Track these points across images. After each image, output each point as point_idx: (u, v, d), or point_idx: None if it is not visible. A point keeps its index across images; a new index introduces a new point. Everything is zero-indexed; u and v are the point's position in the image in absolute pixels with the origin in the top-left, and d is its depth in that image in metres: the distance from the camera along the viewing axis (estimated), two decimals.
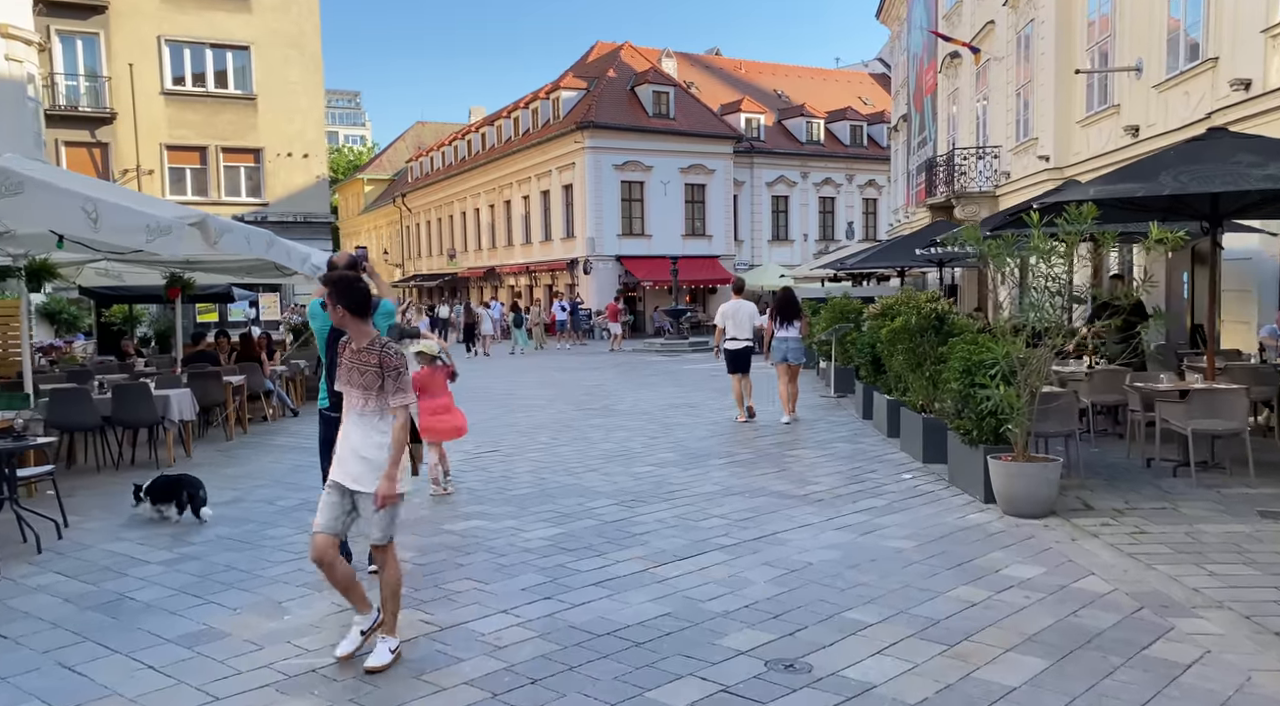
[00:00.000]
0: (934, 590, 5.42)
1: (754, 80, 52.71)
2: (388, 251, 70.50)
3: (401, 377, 4.44)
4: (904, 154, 34.66)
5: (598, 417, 13.62)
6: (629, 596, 5.36)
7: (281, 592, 5.52)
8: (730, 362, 12.85)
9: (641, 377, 20.62)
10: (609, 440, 11.43)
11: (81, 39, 31.41)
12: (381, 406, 4.45)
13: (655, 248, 40.44)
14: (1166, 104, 14.85)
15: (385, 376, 4.42)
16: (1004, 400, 7.14)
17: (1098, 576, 5.62)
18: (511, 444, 11.28)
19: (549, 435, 11.93)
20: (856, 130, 49.94)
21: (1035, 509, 7.13)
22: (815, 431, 11.90)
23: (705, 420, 13.13)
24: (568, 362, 26.25)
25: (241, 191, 33.90)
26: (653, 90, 41.98)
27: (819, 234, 48.65)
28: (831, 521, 7.11)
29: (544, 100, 44.27)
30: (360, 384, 4.47)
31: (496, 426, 12.85)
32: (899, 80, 36.11)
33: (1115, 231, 7.37)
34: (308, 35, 34.18)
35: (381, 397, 4.44)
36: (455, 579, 5.72)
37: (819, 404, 14.89)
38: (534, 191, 45.07)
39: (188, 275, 15.03)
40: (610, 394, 17.07)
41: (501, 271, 48.54)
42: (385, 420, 4.47)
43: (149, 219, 7.41)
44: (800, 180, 48.04)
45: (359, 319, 4.48)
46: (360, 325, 4.50)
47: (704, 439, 11.42)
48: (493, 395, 17.33)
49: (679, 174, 42.06)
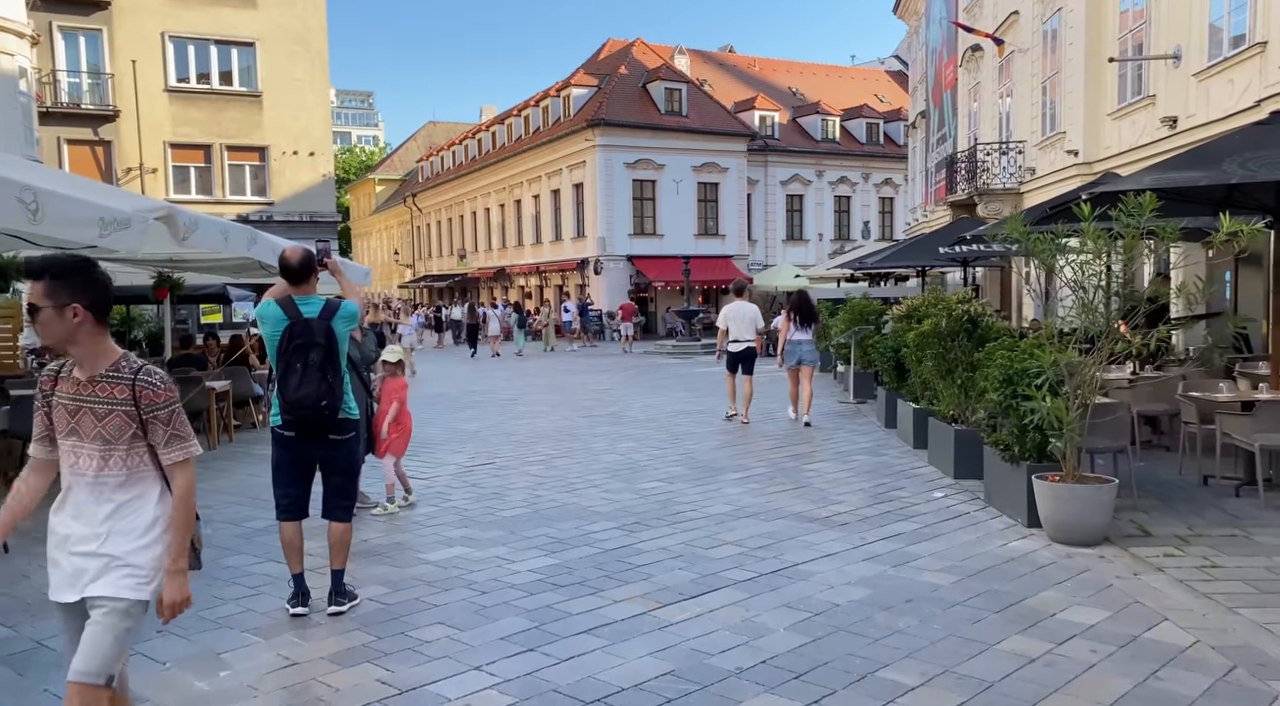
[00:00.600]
0: (982, 641, 4.63)
1: (768, 78, 51.85)
2: (398, 252, 69.99)
3: (176, 418, 2.95)
4: (922, 151, 33.81)
5: (603, 426, 12.84)
6: (626, 648, 4.59)
7: (223, 640, 4.77)
8: (731, 362, 12.73)
9: (652, 381, 19.85)
10: (613, 451, 10.66)
11: (84, 35, 30.91)
12: (133, 468, 2.94)
13: (667, 247, 39.61)
14: (1208, 93, 13.98)
15: (145, 419, 2.90)
16: (1052, 413, 6.34)
17: (1173, 623, 4.82)
18: (508, 455, 10.52)
19: (550, 445, 11.17)
20: (872, 128, 49.01)
21: (1087, 536, 6.33)
22: (835, 441, 11.10)
23: (717, 428, 12.34)
24: (576, 365, 25.50)
25: (247, 190, 33.36)
26: (665, 87, 41.20)
27: (834, 233, 47.75)
28: (858, 550, 6.32)
29: (554, 98, 43.54)
30: (95, 434, 2.88)
31: (495, 436, 12.10)
32: (917, 76, 35.23)
33: (1177, 225, 6.55)
34: (313, 31, 33.60)
35: (133, 455, 2.92)
36: (426, 623, 4.96)
37: (837, 410, 14.08)
38: (544, 190, 44.36)
39: (176, 275, 14.44)
40: (618, 399, 16.30)
41: (511, 272, 47.85)
42: (139, 489, 2.95)
43: (103, 211, 6.67)
44: (815, 179, 47.15)
45: (99, 329, 2.90)
46: (98, 339, 2.91)
47: (715, 450, 10.64)
48: (496, 400, 16.59)
49: (691, 172, 41.25)
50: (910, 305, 11.42)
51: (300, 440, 4.93)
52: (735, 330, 12.59)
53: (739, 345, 12.58)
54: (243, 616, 5.11)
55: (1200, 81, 14.15)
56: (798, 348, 12.57)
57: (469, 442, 11.50)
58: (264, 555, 6.29)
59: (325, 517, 5.17)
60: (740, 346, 12.57)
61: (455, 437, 11.89)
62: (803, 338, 12.60)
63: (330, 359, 4.85)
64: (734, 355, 12.64)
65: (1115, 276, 6.40)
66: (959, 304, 9.01)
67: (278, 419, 4.93)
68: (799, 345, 12.57)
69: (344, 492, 5.13)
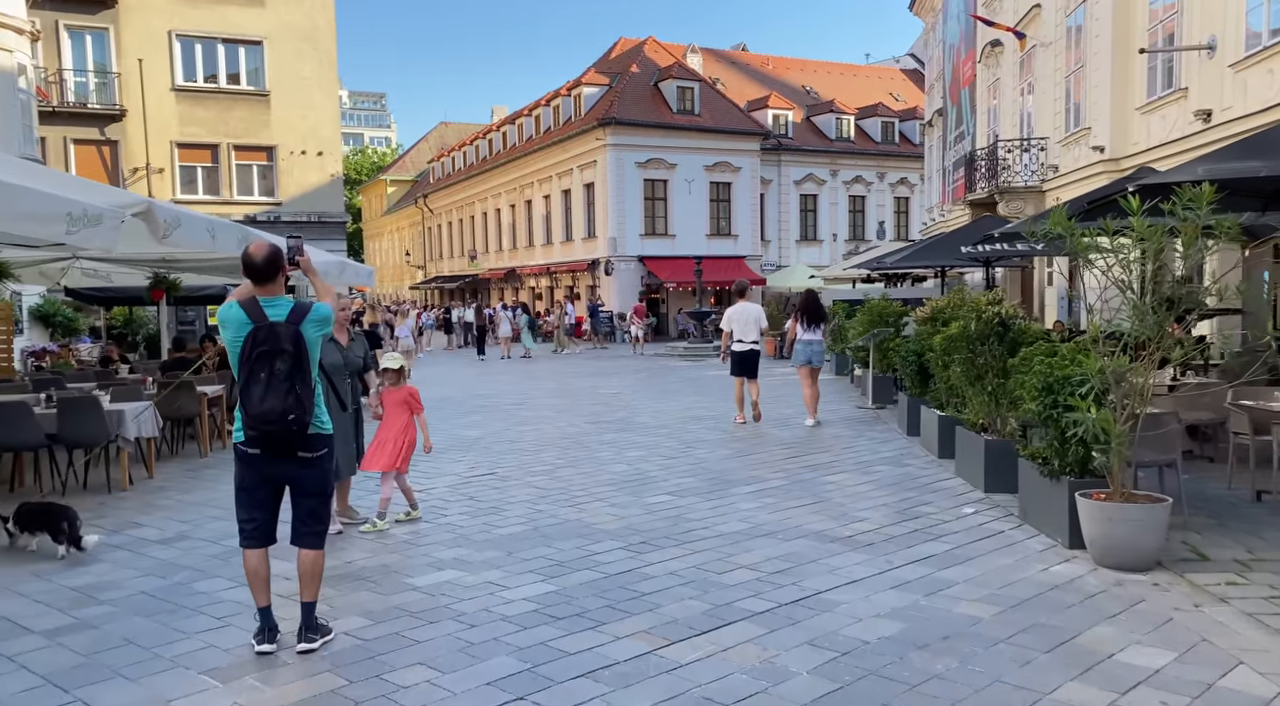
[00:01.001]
0: (1034, 689, 4.07)
1: (782, 76, 51.24)
2: (409, 253, 69.68)
3: None
4: (939, 150, 33.18)
5: (611, 432, 12.31)
6: (628, 697, 4.06)
7: (176, 684, 4.24)
8: (736, 365, 12.74)
9: (663, 385, 19.31)
10: (621, 460, 10.12)
11: (90, 34, 30.61)
12: None
13: (679, 248, 39.07)
14: (1245, 84, 13.34)
15: None
16: (1098, 425, 5.77)
17: (1250, 667, 4.25)
18: (510, 465, 9.99)
19: (555, 454, 10.64)
20: (888, 127, 48.34)
21: (1138, 561, 5.76)
22: (855, 450, 10.54)
23: (729, 435, 11.79)
24: (586, 368, 24.98)
25: (254, 190, 33.00)
26: (677, 86, 40.66)
27: (849, 234, 47.10)
28: (885, 575, 5.77)
29: (565, 97, 43.06)
30: None
31: (498, 443, 11.58)
32: (934, 73, 34.58)
33: (1235, 220, 5.97)
34: (322, 30, 33.23)
35: None
36: (406, 664, 4.43)
37: (856, 416, 13.51)
38: (555, 191, 43.88)
39: (173, 276, 14.01)
40: (627, 404, 15.76)
41: (522, 273, 47.40)
42: None
43: (71, 205, 6.19)
44: (829, 178, 46.51)
45: None
46: None
47: (728, 459, 10.09)
48: (501, 405, 16.09)
49: (704, 172, 40.70)
50: (935, 307, 10.86)
51: (266, 458, 4.42)
52: (739, 331, 12.60)
53: (743, 346, 12.60)
54: (202, 653, 4.59)
55: (1237, 72, 13.51)
56: (807, 347, 12.77)
57: (470, 451, 10.98)
58: (239, 579, 5.75)
59: (294, 544, 4.65)
60: (744, 347, 12.59)
61: (456, 445, 11.38)
62: (813, 337, 12.77)
63: (299, 368, 4.34)
64: (738, 356, 12.64)
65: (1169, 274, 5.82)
66: (989, 305, 8.44)
67: (240, 434, 4.42)
68: (809, 345, 12.77)
69: (315, 516, 4.61)
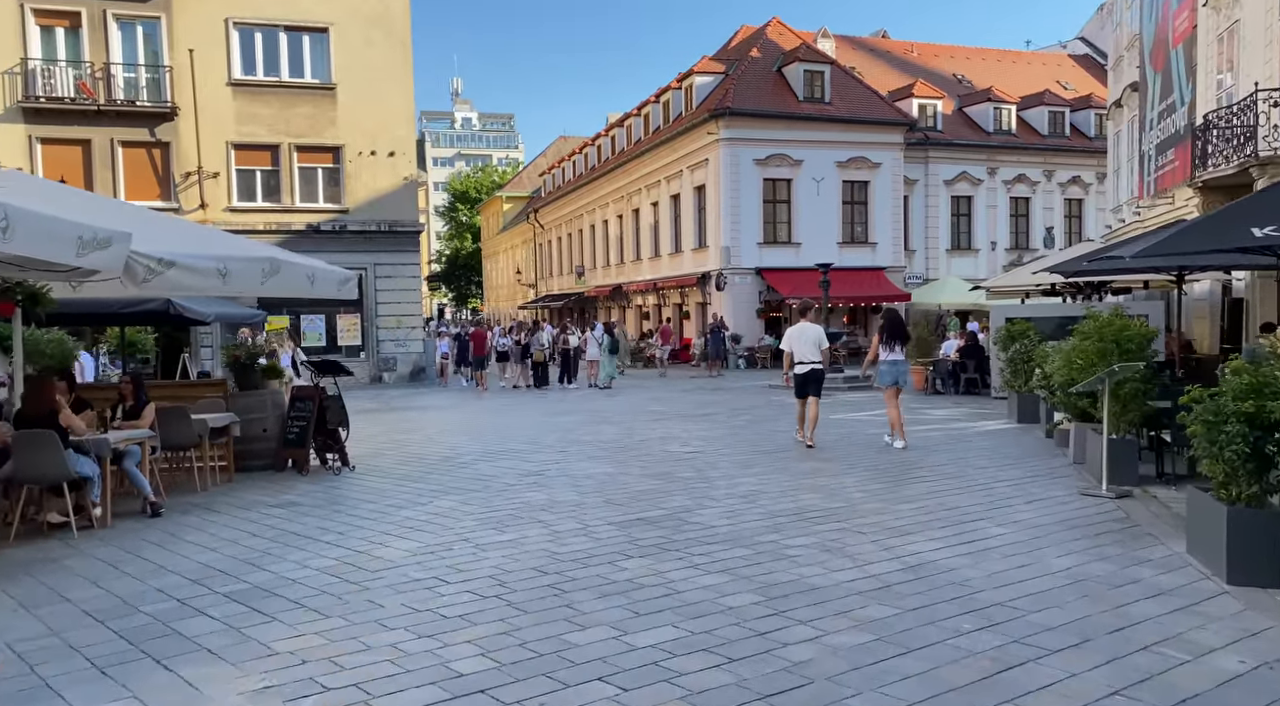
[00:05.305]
0: None
1: (929, 64, 44.77)
2: (520, 271, 66.17)
3: None
4: (1128, 136, 26.68)
5: (663, 557, 6.94)
6: None
7: None
8: (799, 386, 12.50)
9: (769, 434, 13.79)
10: (664, 662, 4.77)
11: (142, 24, 27.65)
12: None
13: (805, 258, 32.76)
14: None
15: None
16: None
17: None
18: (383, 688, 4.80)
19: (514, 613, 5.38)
20: (1056, 117, 41.23)
21: None
22: (1127, 614, 4.83)
23: (861, 558, 6.23)
24: (673, 402, 19.56)
25: (319, 196, 29.41)
26: (804, 70, 34.98)
27: (1010, 241, 40.20)
28: None
29: (675, 90, 38.03)
30: None
31: (413, 590, 6.41)
32: (1123, 43, 27.91)
33: None
34: (395, 13, 29.50)
35: None
36: None
37: (1076, 514, 7.64)
38: (663, 196, 38.84)
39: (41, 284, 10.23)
40: (704, 474, 10.35)
41: (628, 289, 42.51)
42: None
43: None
44: (987, 177, 39.74)
45: None
46: None
47: (853, 627, 4.57)
48: (501, 473, 10.95)
49: (835, 169, 34.78)
50: None
51: None
52: (800, 352, 12.43)
53: (804, 367, 12.38)
54: None
55: None
56: (894, 368, 12.43)
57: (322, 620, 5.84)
58: None
59: None
60: (805, 368, 12.38)
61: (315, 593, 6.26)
62: (897, 357, 12.45)
63: None
64: (801, 377, 12.40)
65: None
66: None
67: None
68: (894, 365, 12.43)
69: None
